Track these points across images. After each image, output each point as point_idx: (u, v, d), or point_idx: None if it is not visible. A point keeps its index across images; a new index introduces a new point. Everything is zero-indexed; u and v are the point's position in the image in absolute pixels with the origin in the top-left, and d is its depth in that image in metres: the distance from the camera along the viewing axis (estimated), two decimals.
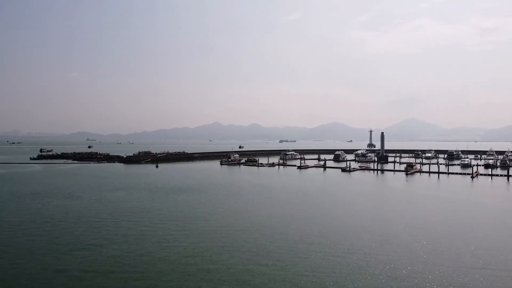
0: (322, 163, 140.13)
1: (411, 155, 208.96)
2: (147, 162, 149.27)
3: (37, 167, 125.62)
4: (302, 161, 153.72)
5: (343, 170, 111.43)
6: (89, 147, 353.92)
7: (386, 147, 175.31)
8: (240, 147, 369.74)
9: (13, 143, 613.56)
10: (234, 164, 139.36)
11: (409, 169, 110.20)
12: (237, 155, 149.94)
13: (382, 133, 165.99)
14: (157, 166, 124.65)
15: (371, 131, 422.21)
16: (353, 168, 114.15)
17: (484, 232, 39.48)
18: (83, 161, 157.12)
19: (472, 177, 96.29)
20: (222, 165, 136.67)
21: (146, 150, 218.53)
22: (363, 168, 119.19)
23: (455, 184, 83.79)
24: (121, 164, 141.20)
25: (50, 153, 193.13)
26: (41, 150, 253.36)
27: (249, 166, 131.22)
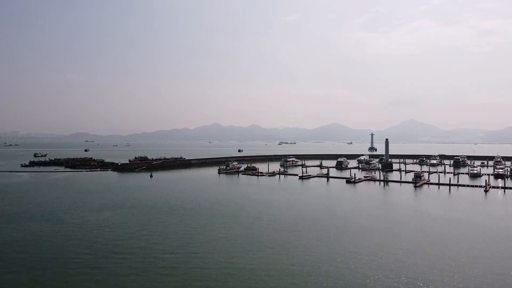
0: (324, 171, 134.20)
1: (415, 160, 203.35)
2: (141, 170, 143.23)
3: (26, 176, 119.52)
4: (304, 169, 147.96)
5: (348, 181, 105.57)
6: (86, 150, 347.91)
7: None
8: (239, 150, 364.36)
9: (10, 145, 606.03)
10: (233, 173, 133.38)
11: (417, 180, 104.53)
12: (235, 163, 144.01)
13: (387, 139, 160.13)
14: (151, 176, 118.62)
15: (372, 134, 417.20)
16: (358, 179, 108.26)
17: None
18: (76, 168, 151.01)
19: (486, 191, 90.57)
20: (220, 174, 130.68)
21: (142, 156, 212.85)
22: (368, 178, 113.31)
23: (469, 200, 77.86)
24: (115, 173, 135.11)
25: (43, 159, 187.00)
26: (35, 155, 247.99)
27: (249, 176, 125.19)
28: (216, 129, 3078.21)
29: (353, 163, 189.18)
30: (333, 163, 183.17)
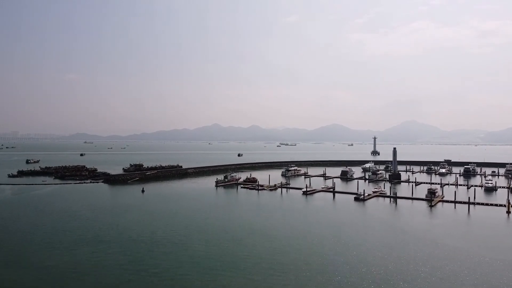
0: (329, 184, 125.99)
1: (422, 168, 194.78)
2: (134, 182, 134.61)
3: (8, 191, 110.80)
4: (307, 180, 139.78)
5: (356, 198, 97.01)
6: (81, 154, 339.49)
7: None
8: (238, 155, 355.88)
9: (6, 147, 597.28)
10: (231, 185, 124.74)
11: (431, 197, 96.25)
12: (234, 174, 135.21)
13: (394, 148, 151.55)
14: (143, 191, 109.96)
15: (375, 138, 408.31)
16: (368, 195, 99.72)
17: None
18: (65, 179, 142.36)
19: (508, 212, 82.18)
20: (218, 187, 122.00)
21: (137, 163, 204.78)
22: (377, 193, 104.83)
23: (493, 227, 69.29)
24: (106, 186, 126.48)
25: (34, 167, 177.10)
26: (27, 161, 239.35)
27: (248, 189, 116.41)
28: (216, 129, 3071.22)
29: (357, 170, 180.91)
30: (337, 171, 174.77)
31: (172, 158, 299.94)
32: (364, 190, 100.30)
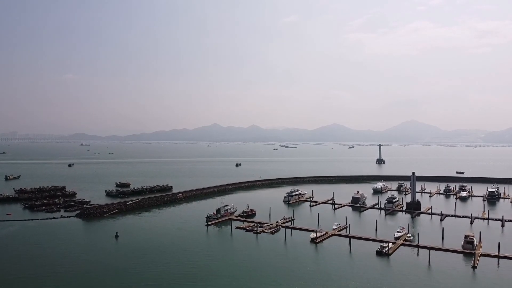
0: (340, 218, 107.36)
1: (439, 188, 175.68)
2: (112, 215, 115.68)
3: None
4: (313, 208, 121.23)
5: (379, 252, 78.14)
6: (70, 165, 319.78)
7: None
8: (236, 165, 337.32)
9: None
10: (225, 222, 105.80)
11: (471, 249, 78.29)
12: (228, 207, 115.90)
13: (413, 173, 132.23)
14: (116, 236, 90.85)
15: (380, 146, 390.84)
16: (392, 246, 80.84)
17: None
18: (35, 210, 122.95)
19: None
20: (208, 226, 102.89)
21: (124, 182, 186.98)
22: (401, 240, 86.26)
23: None
24: (78, 222, 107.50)
25: (4, 193, 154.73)
26: (6, 178, 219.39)
27: (245, 232, 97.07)
28: (215, 130, 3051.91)
29: (367, 190, 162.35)
30: (346, 191, 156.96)
31: (164, 171, 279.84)
32: (388, 245, 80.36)
